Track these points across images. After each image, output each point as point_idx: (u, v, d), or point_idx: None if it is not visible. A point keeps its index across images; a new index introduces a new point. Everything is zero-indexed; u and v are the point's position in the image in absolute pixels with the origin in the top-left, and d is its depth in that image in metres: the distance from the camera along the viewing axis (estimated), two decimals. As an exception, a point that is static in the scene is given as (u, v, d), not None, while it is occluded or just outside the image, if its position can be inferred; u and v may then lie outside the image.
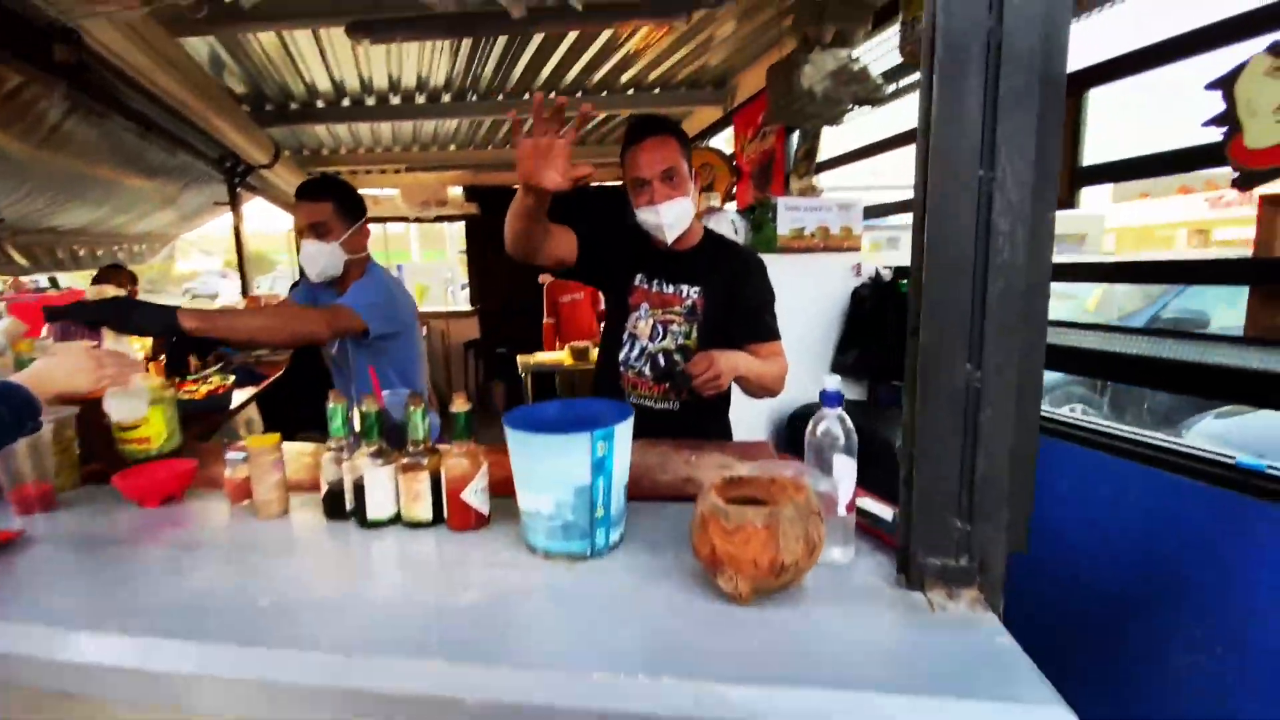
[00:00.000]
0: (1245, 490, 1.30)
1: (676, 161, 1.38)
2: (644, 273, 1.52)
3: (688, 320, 1.48)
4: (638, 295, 1.52)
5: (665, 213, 1.38)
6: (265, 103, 3.95)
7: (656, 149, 1.37)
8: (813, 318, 2.36)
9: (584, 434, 0.83)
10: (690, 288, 1.49)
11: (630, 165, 1.40)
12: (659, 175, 1.36)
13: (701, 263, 1.50)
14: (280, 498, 1.08)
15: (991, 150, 0.70)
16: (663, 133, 1.38)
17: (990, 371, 0.73)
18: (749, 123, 3.38)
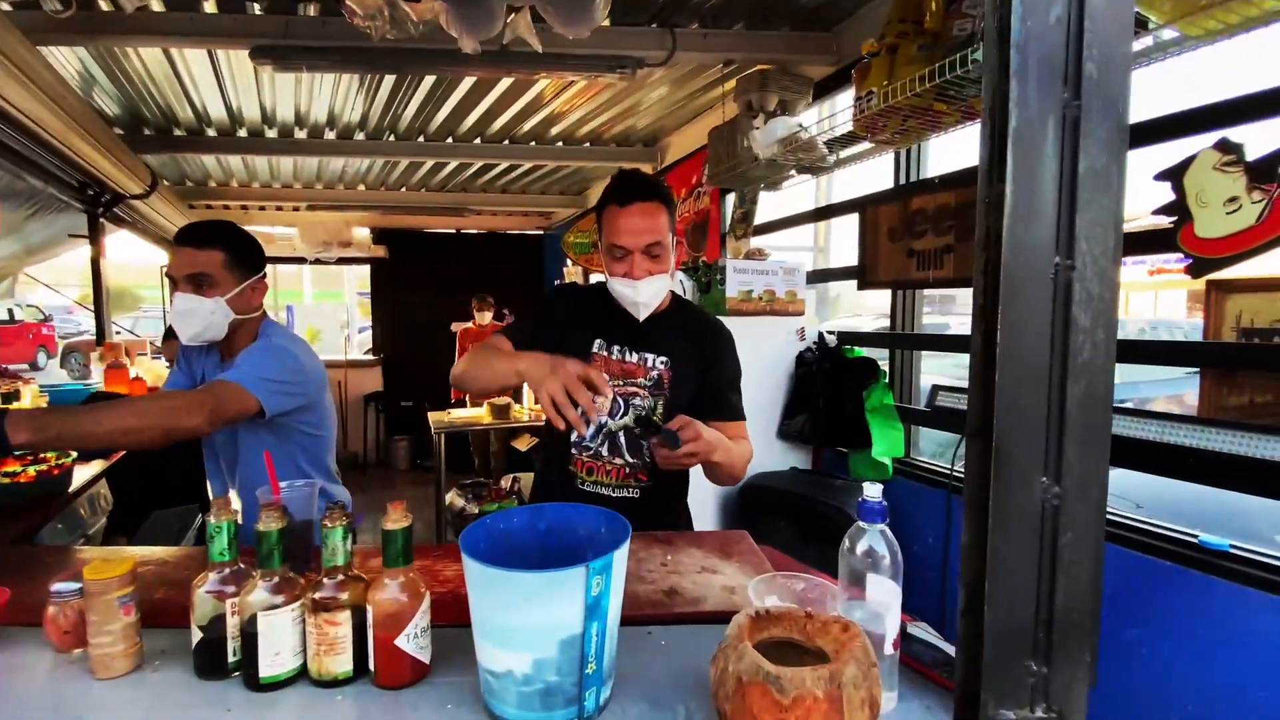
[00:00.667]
0: (1210, 570, 1.31)
1: (663, 235, 1.24)
2: (604, 338, 1.36)
3: (653, 393, 1.33)
4: (597, 364, 1.34)
5: (644, 290, 1.24)
6: (143, 126, 3.49)
7: (645, 217, 1.22)
8: (760, 382, 2.29)
9: (577, 569, 0.64)
10: (656, 357, 1.34)
11: (611, 229, 1.24)
12: (642, 248, 1.22)
13: (669, 330, 1.36)
14: (129, 650, 0.79)
15: (1070, 236, 0.61)
16: (654, 199, 1.23)
17: (1071, 488, 0.63)
18: (682, 182, 3.38)
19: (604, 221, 1.26)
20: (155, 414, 1.20)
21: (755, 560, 1.13)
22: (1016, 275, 0.63)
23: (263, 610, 0.74)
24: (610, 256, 1.26)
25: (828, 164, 2.13)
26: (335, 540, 0.77)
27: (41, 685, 0.76)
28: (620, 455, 1.31)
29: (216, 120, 3.43)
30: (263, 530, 0.76)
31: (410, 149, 3.82)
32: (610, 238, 1.24)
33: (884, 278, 2.12)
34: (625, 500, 1.33)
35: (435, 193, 5.27)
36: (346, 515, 0.78)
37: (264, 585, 0.76)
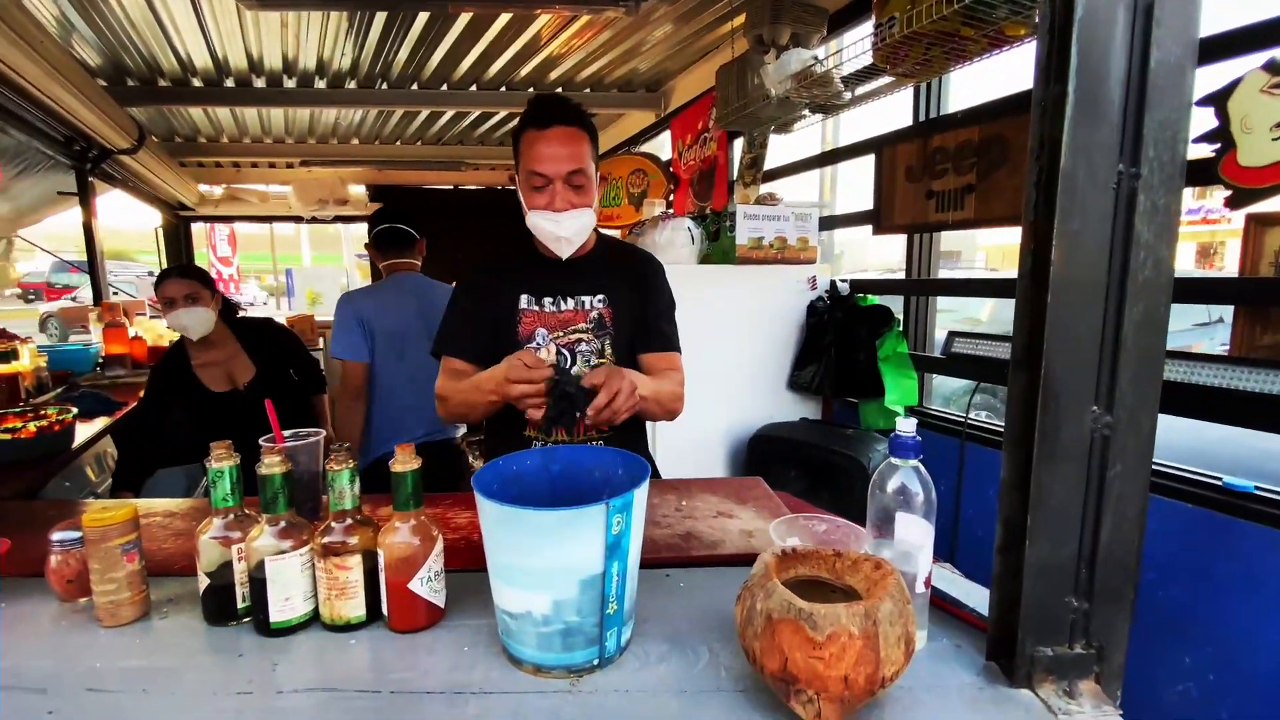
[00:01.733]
0: (1233, 512, 1.29)
1: (585, 162, 1.15)
2: (529, 292, 1.26)
3: (597, 335, 1.26)
4: (527, 321, 1.25)
5: (566, 223, 1.16)
6: (127, 77, 3.35)
7: (565, 143, 1.13)
8: (770, 332, 2.24)
9: (597, 507, 0.61)
10: (593, 298, 1.27)
11: (528, 155, 1.14)
12: (564, 176, 1.13)
13: (600, 268, 1.29)
14: (135, 598, 0.77)
15: (1136, 140, 0.56)
16: (577, 123, 1.15)
17: (1123, 418, 0.58)
18: (687, 128, 3.26)
19: (521, 148, 1.16)
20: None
21: (771, 505, 1.11)
22: (1075, 185, 0.57)
23: (270, 555, 0.72)
24: (528, 186, 1.16)
25: (843, 101, 2.02)
26: (342, 484, 0.74)
27: (48, 634, 0.74)
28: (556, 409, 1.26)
29: (202, 69, 3.28)
30: (265, 474, 0.73)
31: (404, 97, 3.67)
32: (529, 164, 1.14)
33: (900, 221, 2.04)
34: None
35: (431, 146, 5.12)
36: (352, 458, 0.75)
37: (270, 530, 0.73)
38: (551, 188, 1.14)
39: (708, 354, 2.09)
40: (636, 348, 1.28)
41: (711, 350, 2.11)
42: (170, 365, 1.98)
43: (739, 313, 2.18)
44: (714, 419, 2.16)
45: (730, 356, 2.19)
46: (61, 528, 0.80)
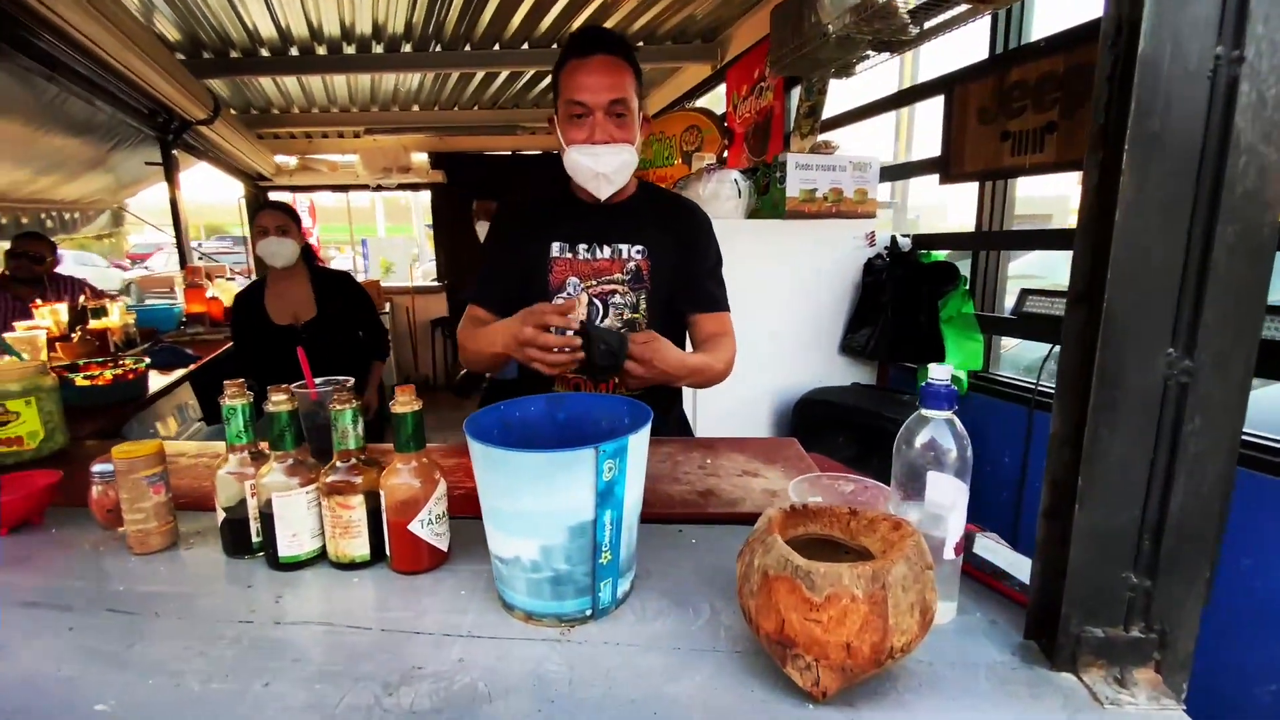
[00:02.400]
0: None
1: (628, 92, 1.08)
2: (562, 239, 1.19)
3: (632, 288, 1.19)
4: (559, 269, 1.18)
5: (605, 158, 1.08)
6: (202, 50, 3.51)
7: (607, 72, 1.05)
8: (822, 291, 2.11)
9: (586, 451, 0.57)
10: (630, 247, 1.18)
11: (568, 85, 1.08)
12: (605, 106, 1.06)
13: (640, 215, 1.20)
14: (161, 528, 0.80)
15: (1240, 14, 0.44)
16: (618, 52, 1.07)
17: (1205, 363, 0.49)
18: (743, 79, 3.09)
19: (561, 80, 1.10)
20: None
21: (803, 466, 1.04)
22: (1158, 73, 0.47)
23: (277, 493, 0.73)
24: (567, 118, 1.09)
25: (910, 35, 1.84)
26: (345, 423, 0.73)
27: (85, 558, 0.79)
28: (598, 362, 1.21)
29: (268, 39, 3.39)
30: (272, 411, 0.73)
31: (458, 59, 3.67)
32: (568, 93, 1.08)
33: (971, 168, 1.86)
34: None
35: (488, 110, 5.13)
36: (355, 397, 0.74)
37: (278, 468, 0.74)
38: (591, 119, 1.07)
39: (753, 313, 1.99)
40: (681, 306, 1.20)
41: (757, 310, 2.01)
42: (247, 295, 2.20)
43: (788, 270, 2.07)
44: (759, 382, 2.07)
45: (778, 317, 2.09)
46: (102, 460, 0.84)
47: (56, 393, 1.20)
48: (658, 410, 1.29)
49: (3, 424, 1.12)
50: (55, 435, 1.19)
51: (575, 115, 1.08)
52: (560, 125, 1.12)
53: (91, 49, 2.42)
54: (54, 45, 2.25)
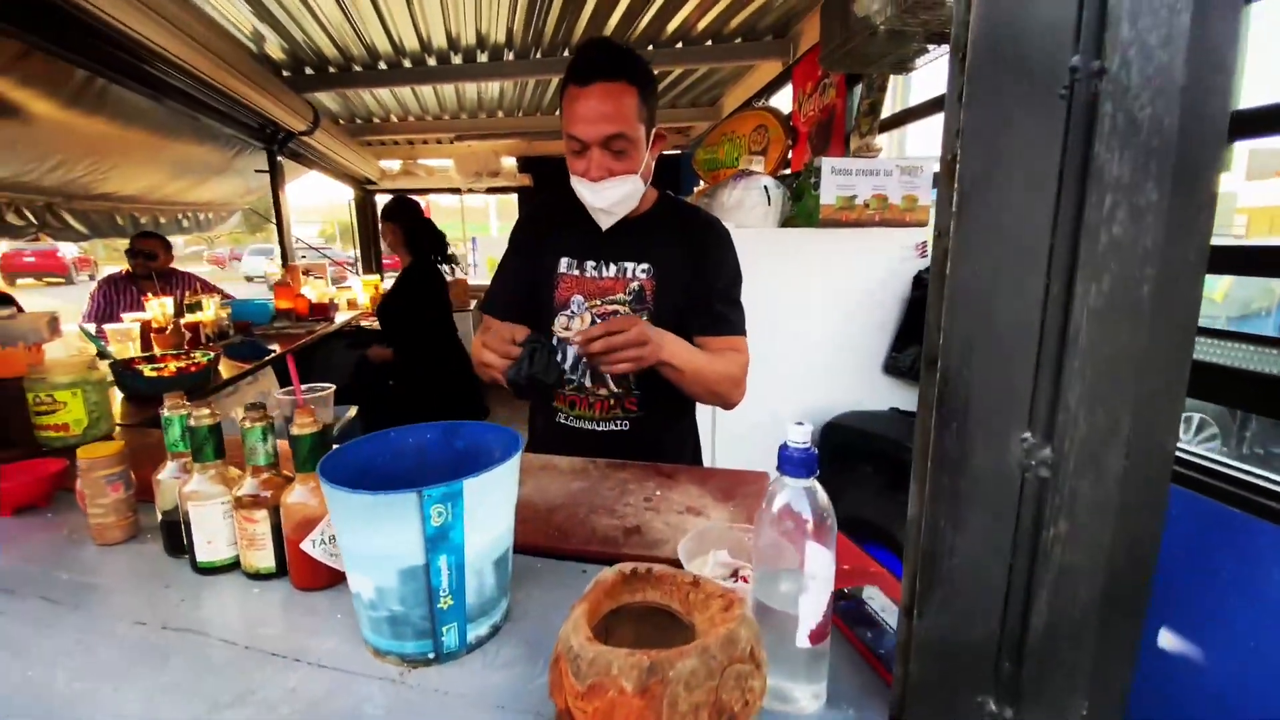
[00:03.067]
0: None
1: (629, 124, 1.02)
2: (571, 254, 1.17)
3: (635, 309, 1.15)
4: (565, 286, 1.17)
5: (604, 194, 1.05)
6: (305, 66, 3.85)
7: (607, 100, 1.00)
8: (863, 306, 1.96)
9: (407, 495, 0.55)
10: (636, 266, 1.15)
11: (567, 114, 1.04)
12: (600, 141, 1.02)
13: (653, 232, 1.16)
14: (120, 522, 0.87)
15: (1100, 19, 0.35)
16: (621, 76, 1.01)
17: (1068, 453, 0.39)
18: (808, 76, 2.93)
19: (564, 104, 1.06)
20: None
21: (758, 504, 0.96)
22: (997, 92, 0.38)
23: (194, 502, 0.77)
24: (568, 150, 1.07)
25: (965, 26, 1.65)
26: (254, 440, 0.76)
27: (55, 544, 0.88)
28: (604, 384, 1.17)
29: (384, 53, 3.64)
30: (193, 425, 0.78)
31: (534, 67, 3.77)
32: (566, 125, 1.04)
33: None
34: (614, 435, 1.19)
35: (568, 114, 5.25)
36: (266, 415, 0.77)
37: (199, 478, 0.78)
38: (589, 154, 1.04)
39: (782, 329, 1.89)
40: (688, 328, 1.15)
41: (787, 325, 1.90)
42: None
43: (823, 283, 1.93)
44: (787, 402, 1.96)
45: (810, 332, 1.96)
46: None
47: (103, 384, 1.36)
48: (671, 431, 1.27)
49: (51, 411, 1.28)
50: (100, 423, 1.34)
51: (573, 150, 1.06)
52: (566, 150, 1.09)
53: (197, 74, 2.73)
54: (165, 73, 2.55)
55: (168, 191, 4.36)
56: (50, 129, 2.74)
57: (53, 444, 1.30)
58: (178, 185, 4.37)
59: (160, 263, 3.01)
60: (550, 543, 0.84)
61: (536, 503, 0.96)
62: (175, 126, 3.36)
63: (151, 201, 4.32)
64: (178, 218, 4.79)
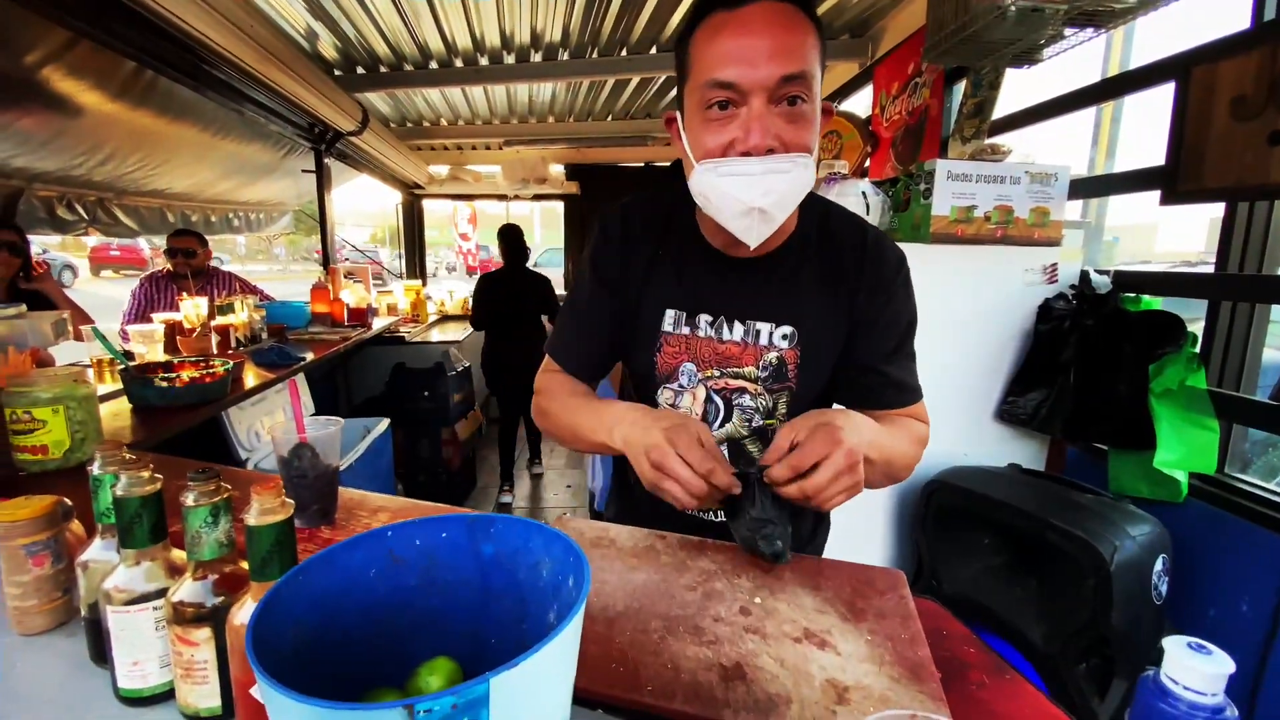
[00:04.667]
0: None
1: (810, 64, 0.67)
2: (677, 304, 0.83)
3: (770, 390, 0.83)
4: (671, 349, 0.84)
5: (767, 181, 0.67)
6: (357, 66, 3.76)
7: (775, 29, 0.65)
8: (976, 341, 1.65)
9: (384, 712, 0.30)
10: (775, 329, 0.82)
11: (708, 54, 0.68)
12: (772, 86, 0.66)
13: (799, 271, 0.81)
14: (44, 606, 0.65)
15: None
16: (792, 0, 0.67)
17: None
18: (894, 76, 2.64)
19: (694, 52, 0.70)
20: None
21: (902, 631, 0.68)
22: None
23: (115, 607, 0.54)
24: (701, 114, 0.69)
25: (1130, 4, 1.35)
26: (197, 524, 0.52)
27: (-40, 631, 0.66)
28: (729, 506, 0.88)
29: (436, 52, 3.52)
30: (120, 495, 0.55)
31: (586, 67, 3.59)
32: (708, 68, 0.67)
33: (1215, 182, 1.31)
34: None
35: (621, 121, 5.06)
36: (219, 487, 0.53)
37: (124, 570, 0.55)
38: (747, 109, 0.67)
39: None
40: (853, 400, 0.84)
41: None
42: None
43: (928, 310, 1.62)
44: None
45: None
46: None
47: (91, 401, 1.17)
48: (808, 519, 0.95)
49: (29, 431, 1.09)
50: (84, 445, 1.15)
51: (716, 102, 0.68)
52: (689, 124, 0.73)
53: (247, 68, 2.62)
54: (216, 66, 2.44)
55: (218, 190, 4.34)
56: (98, 120, 2.67)
57: (30, 468, 1.11)
58: (228, 184, 4.34)
59: (199, 260, 2.90)
60: (613, 687, 0.57)
61: (590, 604, 0.70)
62: (224, 122, 3.29)
63: (202, 200, 4.30)
64: (228, 216, 4.79)
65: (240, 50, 2.40)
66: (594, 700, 0.56)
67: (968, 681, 0.64)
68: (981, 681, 0.65)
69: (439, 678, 0.46)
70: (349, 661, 0.45)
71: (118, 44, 2.15)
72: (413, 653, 0.48)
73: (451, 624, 0.50)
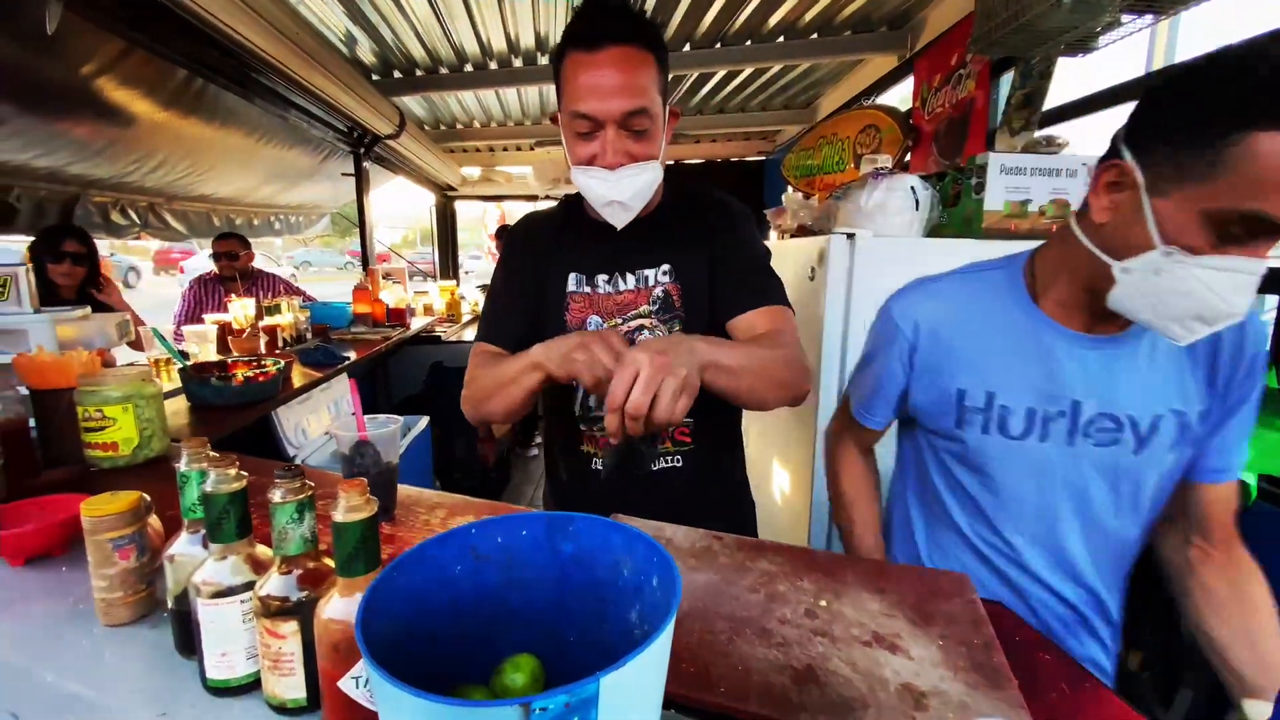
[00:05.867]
0: None
1: (648, 97, 0.85)
2: (579, 268, 1.01)
3: (663, 320, 0.97)
4: (577, 307, 1.00)
5: (622, 184, 0.87)
6: (394, 70, 3.82)
7: (622, 71, 0.82)
8: (1025, 337, 1.60)
9: (503, 709, 0.30)
10: (655, 271, 0.98)
11: (572, 88, 0.85)
12: (619, 118, 0.84)
13: (669, 227, 1.00)
14: (129, 599, 0.68)
15: None
16: (635, 40, 0.83)
17: None
18: (937, 68, 2.58)
19: (564, 79, 0.87)
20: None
21: (974, 636, 0.66)
22: None
23: (205, 599, 0.56)
24: (572, 132, 0.88)
25: (1194, -15, 1.29)
26: (284, 521, 0.54)
27: (51, 619, 0.69)
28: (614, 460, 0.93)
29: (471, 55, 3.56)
30: (210, 492, 0.56)
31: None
32: (572, 102, 0.85)
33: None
34: (666, 475, 0.99)
35: (652, 119, 5.06)
36: (304, 485, 0.55)
37: (213, 564, 0.57)
38: (602, 135, 0.86)
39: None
40: (723, 313, 0.97)
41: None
42: None
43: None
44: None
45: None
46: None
47: (158, 399, 1.21)
48: (728, 468, 1.07)
49: (100, 429, 1.14)
50: (152, 442, 1.19)
51: (580, 132, 0.88)
52: (565, 133, 0.91)
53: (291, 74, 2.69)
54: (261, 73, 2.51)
55: (262, 194, 4.47)
56: (150, 129, 2.77)
57: (101, 464, 1.16)
58: (270, 189, 4.47)
59: (241, 262, 2.99)
60: (683, 685, 0.57)
61: (655, 604, 0.70)
62: (268, 128, 3.38)
63: (246, 204, 4.43)
64: (269, 219, 4.93)
65: (286, 57, 2.47)
66: (667, 700, 0.56)
67: (1046, 689, 0.63)
68: (1061, 689, 0.63)
69: (524, 674, 0.47)
70: (435, 656, 0.46)
71: (172, 54, 2.23)
72: (494, 649, 0.49)
73: (531, 621, 0.50)
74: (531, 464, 4.34)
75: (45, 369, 1.19)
